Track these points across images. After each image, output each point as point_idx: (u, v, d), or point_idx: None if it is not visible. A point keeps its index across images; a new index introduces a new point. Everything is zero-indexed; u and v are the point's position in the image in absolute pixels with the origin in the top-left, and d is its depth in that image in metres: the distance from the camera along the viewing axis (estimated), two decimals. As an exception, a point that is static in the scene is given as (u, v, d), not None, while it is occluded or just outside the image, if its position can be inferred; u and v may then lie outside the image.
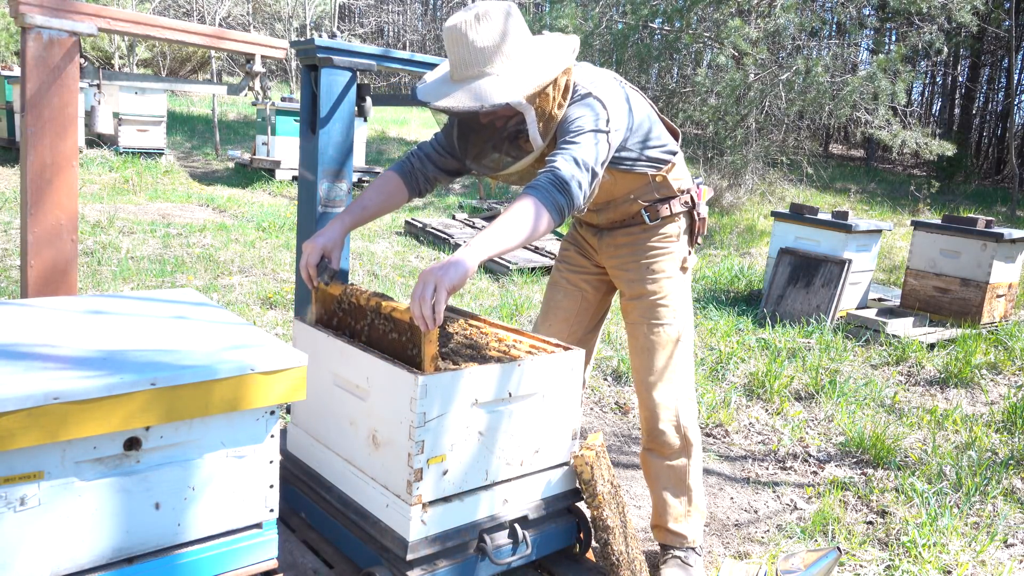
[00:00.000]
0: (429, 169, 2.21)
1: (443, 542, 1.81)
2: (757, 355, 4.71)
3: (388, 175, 2.18)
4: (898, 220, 11.27)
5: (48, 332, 1.58)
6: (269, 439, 1.56)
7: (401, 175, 2.18)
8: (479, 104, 1.82)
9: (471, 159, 2.06)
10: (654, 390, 2.24)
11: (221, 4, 22.44)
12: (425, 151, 2.21)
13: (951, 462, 3.31)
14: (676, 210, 2.23)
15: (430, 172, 2.21)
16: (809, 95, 10.30)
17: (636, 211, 2.22)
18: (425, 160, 2.20)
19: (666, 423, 2.24)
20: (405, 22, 33.49)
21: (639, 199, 2.20)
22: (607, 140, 1.90)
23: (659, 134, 2.17)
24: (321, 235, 2.03)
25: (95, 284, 5.10)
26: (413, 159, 2.21)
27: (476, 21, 1.84)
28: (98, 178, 9.53)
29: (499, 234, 1.72)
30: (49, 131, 2.18)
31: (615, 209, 2.23)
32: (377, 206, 2.15)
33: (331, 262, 2.04)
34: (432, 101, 1.90)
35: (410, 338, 1.83)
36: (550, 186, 1.77)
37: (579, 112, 1.92)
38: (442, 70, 2.03)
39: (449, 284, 1.64)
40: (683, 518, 2.30)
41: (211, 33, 2.52)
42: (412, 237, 7.86)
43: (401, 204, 2.22)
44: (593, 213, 2.28)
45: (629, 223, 2.25)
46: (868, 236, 5.73)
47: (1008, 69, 21.36)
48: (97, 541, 1.39)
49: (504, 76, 1.86)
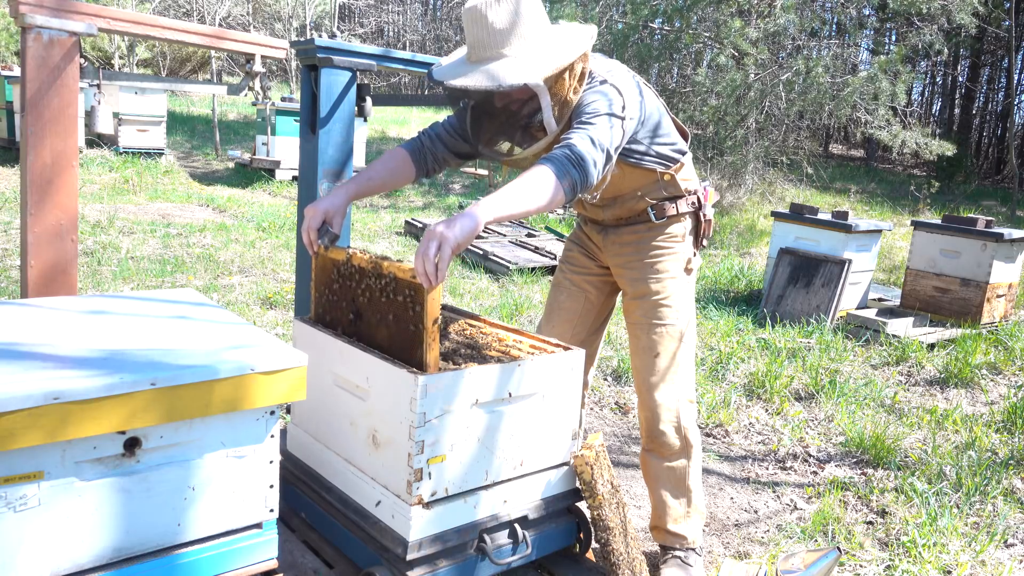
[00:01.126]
0: (439, 149, 2.18)
1: (443, 542, 1.81)
2: (757, 355, 4.71)
3: (397, 151, 2.17)
4: (898, 220, 11.27)
5: (48, 332, 1.58)
6: (269, 439, 1.56)
7: (410, 152, 2.16)
8: (495, 84, 1.81)
9: (483, 144, 2.05)
10: (655, 391, 2.23)
11: (221, 4, 22.44)
12: (436, 131, 2.19)
13: (951, 462, 3.31)
14: (683, 210, 2.23)
15: (440, 152, 2.18)
16: (809, 95, 10.30)
17: (643, 209, 2.22)
18: (436, 140, 2.18)
19: (667, 424, 2.23)
20: (405, 22, 33.49)
21: (646, 196, 2.20)
22: (621, 127, 1.90)
23: (668, 131, 2.17)
24: (324, 200, 2.01)
25: (95, 284, 5.10)
26: (424, 138, 2.19)
27: (495, 2, 1.83)
28: (98, 178, 9.53)
29: (511, 198, 1.69)
30: (49, 131, 2.18)
31: (622, 206, 2.23)
32: (382, 179, 2.13)
33: (332, 227, 2.02)
34: (448, 80, 1.88)
35: (412, 297, 1.76)
36: (566, 160, 1.76)
37: (594, 97, 1.93)
38: (459, 53, 2.01)
39: (454, 241, 1.59)
40: (683, 519, 2.30)
41: (211, 33, 2.52)
42: (412, 237, 7.86)
43: (407, 181, 2.20)
44: (599, 209, 2.27)
45: (635, 221, 2.25)
46: (868, 236, 5.73)
47: (1008, 69, 21.35)
48: (97, 541, 1.39)
49: (521, 58, 1.85)
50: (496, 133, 2.02)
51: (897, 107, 11.05)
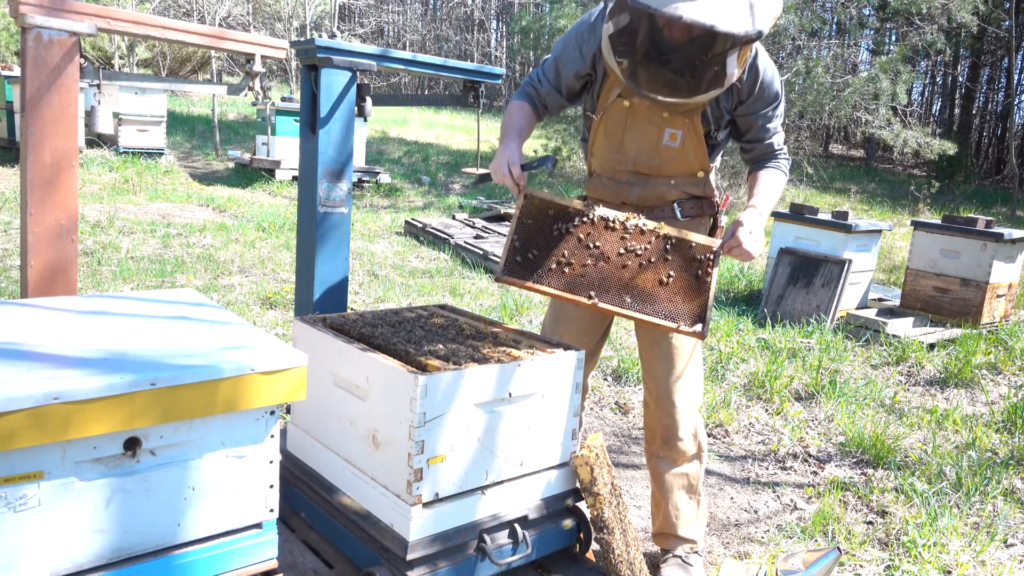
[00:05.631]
0: (553, 100, 2.24)
1: (443, 542, 1.81)
2: (757, 355, 4.71)
3: (522, 105, 2.23)
4: (898, 220, 11.27)
5: (48, 332, 1.58)
6: (269, 439, 1.56)
7: (529, 102, 2.24)
8: (748, 28, 1.71)
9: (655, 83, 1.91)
10: (676, 397, 2.20)
11: (221, 4, 22.43)
12: (535, 86, 2.25)
13: (951, 462, 3.31)
14: (705, 211, 2.22)
15: (553, 102, 2.25)
16: (809, 96, 10.30)
17: (670, 200, 2.18)
18: (539, 90, 2.25)
19: (685, 431, 2.22)
20: (405, 22, 33.50)
21: (679, 187, 2.17)
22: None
23: None
24: (503, 153, 2.04)
25: (95, 284, 5.10)
26: (529, 89, 2.26)
27: None
28: (98, 178, 9.53)
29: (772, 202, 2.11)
30: (49, 131, 2.18)
31: (653, 189, 2.17)
32: (528, 128, 2.20)
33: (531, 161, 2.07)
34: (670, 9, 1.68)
35: (707, 263, 1.97)
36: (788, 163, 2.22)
37: (773, 71, 2.07)
38: None
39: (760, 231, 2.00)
40: (692, 522, 2.29)
41: (211, 33, 2.52)
42: (412, 237, 7.86)
43: (534, 128, 2.29)
44: (627, 188, 2.19)
45: (658, 214, 2.19)
46: (868, 236, 5.73)
47: (1008, 69, 21.35)
48: (97, 541, 1.39)
49: (759, 4, 1.75)
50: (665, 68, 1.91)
51: (897, 107, 11.05)
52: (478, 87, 2.98)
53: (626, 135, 2.12)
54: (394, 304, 5.30)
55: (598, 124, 2.16)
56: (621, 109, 2.10)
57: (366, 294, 5.53)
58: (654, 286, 1.97)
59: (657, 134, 2.09)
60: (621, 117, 2.11)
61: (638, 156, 2.13)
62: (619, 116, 2.11)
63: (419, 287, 5.82)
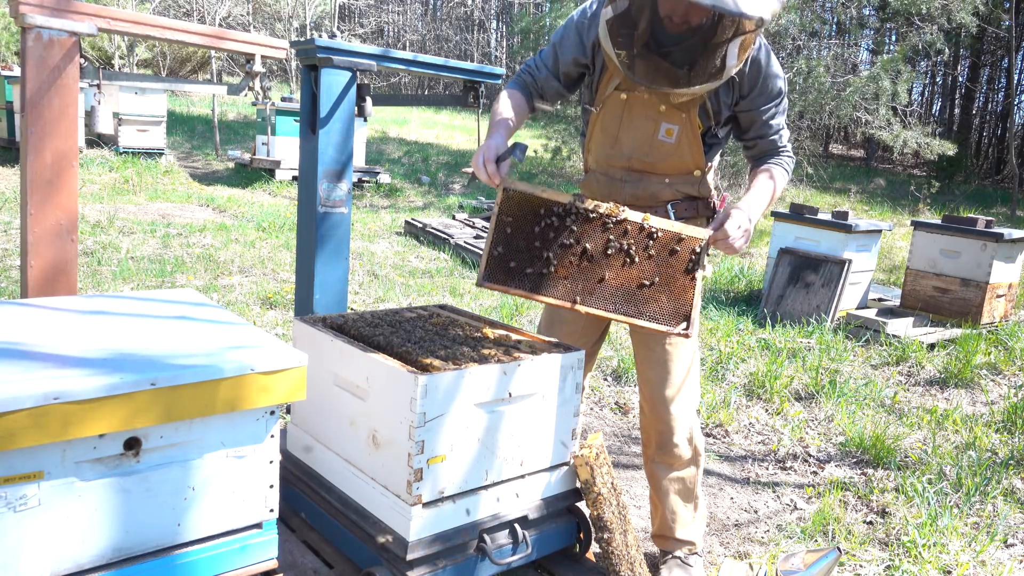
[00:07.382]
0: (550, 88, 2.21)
1: (443, 542, 1.81)
2: (757, 355, 4.71)
3: (513, 93, 2.19)
4: (898, 220, 11.27)
5: (48, 332, 1.58)
6: (269, 439, 1.57)
7: (521, 91, 2.20)
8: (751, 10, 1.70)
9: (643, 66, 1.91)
10: (671, 404, 2.18)
11: (221, 4, 22.43)
12: (540, 72, 2.21)
13: (951, 462, 3.31)
14: (701, 212, 2.19)
15: (551, 89, 2.21)
16: (810, 96, 10.30)
17: (663, 200, 2.15)
18: (536, 76, 2.21)
19: (680, 436, 2.21)
20: (405, 22, 33.49)
21: (673, 187, 2.15)
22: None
23: None
24: (488, 143, 1.97)
25: (95, 284, 5.10)
26: (526, 76, 2.22)
27: None
28: (98, 178, 9.53)
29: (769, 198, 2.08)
30: (49, 131, 2.18)
31: (646, 188, 2.15)
32: (518, 120, 2.14)
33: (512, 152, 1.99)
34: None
35: (694, 256, 1.93)
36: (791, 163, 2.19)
37: (776, 67, 2.03)
38: None
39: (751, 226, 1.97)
40: (689, 525, 2.29)
41: (211, 33, 2.52)
42: (412, 237, 7.86)
43: (526, 119, 2.24)
44: (620, 185, 2.17)
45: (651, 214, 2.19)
46: (868, 236, 5.73)
47: (1008, 69, 21.34)
48: (97, 541, 1.39)
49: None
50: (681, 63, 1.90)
51: (897, 107, 11.06)
52: (478, 87, 2.98)
53: (621, 129, 2.10)
54: (394, 304, 5.30)
55: (595, 118, 2.14)
56: (618, 102, 2.08)
57: (366, 294, 5.54)
58: (639, 286, 1.94)
59: (652, 129, 2.07)
60: (617, 111, 2.09)
61: (632, 151, 2.11)
62: (616, 110, 2.09)
63: (419, 287, 5.82)
